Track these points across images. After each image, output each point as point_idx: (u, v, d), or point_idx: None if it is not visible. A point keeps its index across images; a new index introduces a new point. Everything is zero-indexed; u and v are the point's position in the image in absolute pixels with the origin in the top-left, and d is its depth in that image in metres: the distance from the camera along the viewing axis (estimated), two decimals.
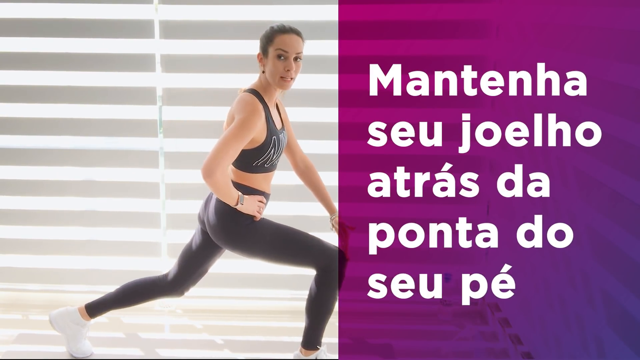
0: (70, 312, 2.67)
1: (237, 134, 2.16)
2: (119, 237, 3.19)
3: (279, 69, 2.24)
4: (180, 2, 2.85)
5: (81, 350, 2.71)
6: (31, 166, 3.12)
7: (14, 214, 3.18)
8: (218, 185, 2.15)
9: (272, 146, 2.31)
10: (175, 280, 2.62)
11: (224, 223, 2.34)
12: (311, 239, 2.46)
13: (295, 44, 2.25)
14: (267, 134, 2.28)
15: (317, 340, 2.53)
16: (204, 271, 2.64)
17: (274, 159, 2.38)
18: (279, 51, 2.23)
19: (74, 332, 2.69)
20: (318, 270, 2.46)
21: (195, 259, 2.59)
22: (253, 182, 2.37)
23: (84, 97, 3.00)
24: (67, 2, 2.86)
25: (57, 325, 2.69)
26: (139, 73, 2.96)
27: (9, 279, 3.28)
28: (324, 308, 2.50)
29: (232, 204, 2.24)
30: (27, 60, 2.98)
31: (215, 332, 2.97)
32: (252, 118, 2.19)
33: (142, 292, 2.65)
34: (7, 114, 3.06)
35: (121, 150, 3.09)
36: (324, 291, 2.47)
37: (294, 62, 2.24)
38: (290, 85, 2.26)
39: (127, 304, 2.67)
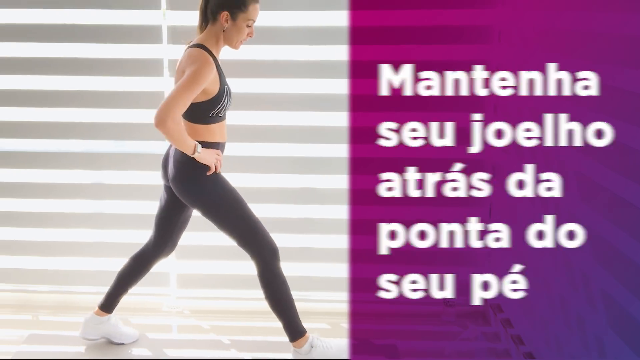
0: (89, 320, 2.74)
1: (188, 85, 2.25)
2: (127, 239, 3.17)
3: (243, 35, 2.40)
4: (188, 8, 2.81)
5: (125, 335, 2.80)
6: (42, 169, 3.13)
7: (23, 217, 3.20)
8: (171, 133, 2.22)
9: (226, 95, 2.42)
10: (158, 243, 2.69)
11: (182, 172, 2.43)
12: (259, 223, 2.53)
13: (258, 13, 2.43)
14: (220, 84, 2.39)
15: (298, 328, 2.60)
16: (180, 227, 2.70)
17: (227, 106, 2.47)
18: (250, 21, 2.38)
19: (105, 330, 2.76)
20: (258, 261, 2.53)
21: (167, 218, 2.67)
22: (210, 134, 2.46)
23: (94, 101, 3.01)
24: (78, 7, 2.88)
25: (90, 335, 2.75)
26: (148, 78, 2.98)
27: (19, 281, 3.29)
28: (283, 301, 2.57)
29: (190, 153, 2.32)
30: (37, 65, 2.98)
31: (222, 333, 2.98)
32: (203, 70, 2.29)
33: (138, 266, 2.72)
34: (19, 118, 3.07)
35: (130, 154, 3.11)
36: (272, 285, 2.55)
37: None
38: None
39: (131, 283, 2.74)
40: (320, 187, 3.12)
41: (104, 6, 2.86)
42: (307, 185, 3.05)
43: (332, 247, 3.19)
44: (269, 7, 2.85)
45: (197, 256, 3.14)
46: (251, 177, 3.08)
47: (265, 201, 3.07)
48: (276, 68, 2.96)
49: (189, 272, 3.25)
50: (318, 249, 3.22)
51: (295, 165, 3.05)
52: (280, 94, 2.99)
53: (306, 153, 3.08)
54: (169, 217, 2.66)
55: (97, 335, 2.76)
